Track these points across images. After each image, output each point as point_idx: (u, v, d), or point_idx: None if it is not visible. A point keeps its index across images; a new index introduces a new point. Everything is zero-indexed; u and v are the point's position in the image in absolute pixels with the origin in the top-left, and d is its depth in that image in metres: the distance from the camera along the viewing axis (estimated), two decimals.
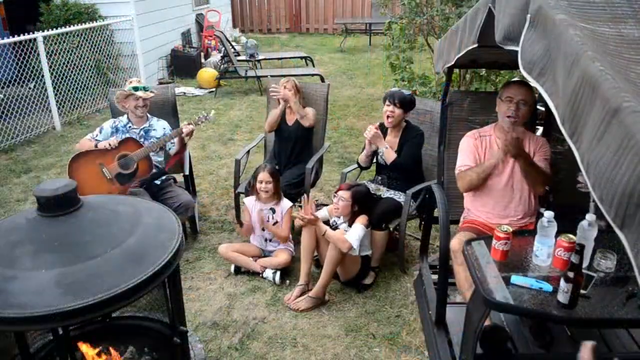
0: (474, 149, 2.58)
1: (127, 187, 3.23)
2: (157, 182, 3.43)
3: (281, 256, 3.18)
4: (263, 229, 3.26)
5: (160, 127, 3.48)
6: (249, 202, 3.29)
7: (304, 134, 3.73)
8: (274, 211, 3.23)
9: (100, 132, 3.41)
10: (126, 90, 3.33)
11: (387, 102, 3.18)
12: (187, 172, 3.71)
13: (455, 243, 2.41)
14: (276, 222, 3.23)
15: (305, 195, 3.06)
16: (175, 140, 3.47)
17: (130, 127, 3.42)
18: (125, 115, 3.46)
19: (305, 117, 3.64)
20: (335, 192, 3.04)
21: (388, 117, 3.18)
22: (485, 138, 2.59)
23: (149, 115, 3.47)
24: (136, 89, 3.32)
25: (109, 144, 3.21)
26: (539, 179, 2.44)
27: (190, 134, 3.41)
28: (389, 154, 3.15)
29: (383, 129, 3.28)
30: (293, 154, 3.73)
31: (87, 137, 3.44)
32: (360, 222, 2.91)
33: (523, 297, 1.77)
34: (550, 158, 2.50)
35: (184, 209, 3.30)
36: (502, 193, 2.52)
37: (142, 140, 3.38)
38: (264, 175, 3.14)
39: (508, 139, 2.33)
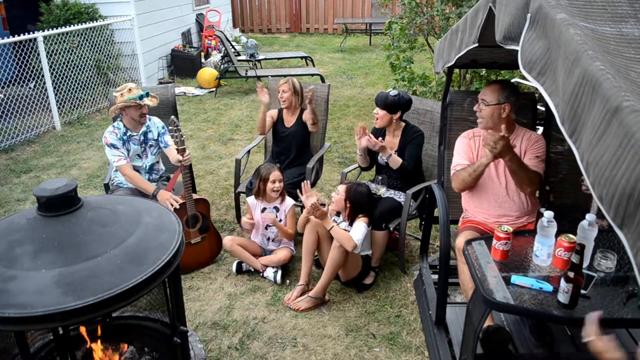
0: (468, 149, 2.58)
1: (213, 231, 3.35)
2: (154, 183, 3.41)
3: (281, 253, 3.19)
4: (266, 227, 3.27)
5: (154, 126, 3.36)
6: (251, 201, 3.30)
7: (302, 136, 3.72)
8: (277, 209, 3.24)
9: (118, 148, 3.19)
10: (127, 100, 3.09)
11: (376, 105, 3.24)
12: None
13: (461, 242, 2.40)
14: (280, 220, 3.24)
15: (305, 182, 2.99)
16: (169, 141, 3.34)
17: (130, 134, 3.25)
18: (119, 122, 3.24)
19: (316, 124, 3.65)
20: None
21: (376, 119, 3.22)
22: (479, 138, 2.59)
23: None
24: (141, 97, 3.12)
25: (172, 204, 3.12)
26: (526, 179, 2.37)
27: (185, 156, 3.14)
28: (395, 161, 3.13)
29: (381, 130, 3.28)
30: (293, 155, 3.73)
31: (121, 162, 3.17)
32: (362, 221, 2.91)
33: (523, 297, 1.77)
34: (543, 155, 2.47)
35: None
36: (495, 192, 2.52)
37: (142, 145, 3.29)
38: (276, 175, 3.15)
39: (492, 138, 2.25)
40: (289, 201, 3.26)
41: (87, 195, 3.45)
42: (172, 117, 3.06)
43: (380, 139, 3.15)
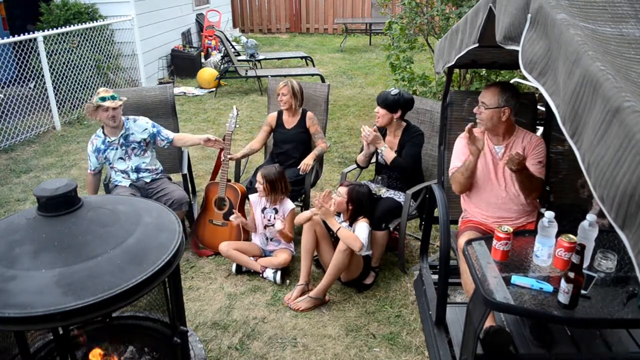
0: (466, 151, 2.58)
1: (236, 222, 3.36)
2: (147, 179, 3.42)
3: (281, 256, 3.18)
4: (265, 227, 3.26)
5: (139, 128, 3.36)
6: (253, 199, 3.31)
7: (303, 138, 3.72)
8: (276, 211, 3.24)
9: (90, 159, 3.37)
10: (94, 102, 3.19)
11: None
12: (185, 171, 3.71)
13: (463, 242, 2.40)
14: (284, 226, 3.24)
15: (327, 190, 3.00)
16: (169, 134, 3.47)
17: (109, 141, 3.31)
18: (100, 130, 3.34)
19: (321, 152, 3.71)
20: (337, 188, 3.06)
21: (378, 117, 3.24)
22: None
23: (123, 119, 3.33)
24: (103, 99, 3.19)
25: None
26: (532, 188, 2.40)
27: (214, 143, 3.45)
28: (388, 154, 3.15)
29: (382, 129, 3.29)
30: (293, 156, 3.72)
31: (88, 170, 3.41)
32: (364, 221, 2.91)
33: (523, 297, 1.77)
34: (544, 160, 2.47)
35: (177, 205, 3.28)
36: (495, 194, 2.51)
37: (123, 148, 3.32)
38: (258, 176, 3.21)
39: (517, 158, 2.26)
40: (289, 204, 3.26)
41: (87, 195, 3.46)
42: (235, 106, 3.63)
43: (374, 127, 3.17)
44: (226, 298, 3.02)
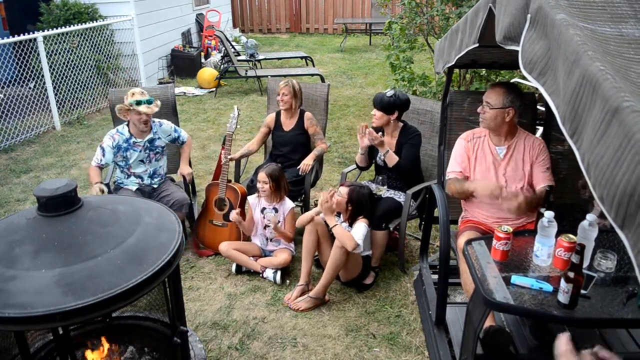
0: (464, 152, 2.57)
1: (235, 224, 3.35)
2: (155, 185, 3.42)
3: (281, 256, 3.18)
4: (265, 227, 3.26)
5: (164, 133, 3.36)
6: (252, 200, 3.31)
7: (302, 140, 3.71)
8: (276, 211, 3.23)
9: (104, 154, 3.21)
10: (127, 104, 3.12)
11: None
12: None
13: (463, 242, 2.40)
14: (278, 221, 3.23)
15: (332, 190, 2.99)
16: (184, 138, 3.51)
17: (133, 141, 3.24)
18: (125, 127, 3.25)
19: (321, 153, 3.71)
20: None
21: (374, 119, 3.24)
22: (480, 139, 2.58)
23: (152, 122, 3.29)
24: (139, 102, 3.07)
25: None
26: (536, 204, 2.45)
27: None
28: (391, 158, 3.14)
29: (378, 130, 3.29)
30: (292, 157, 3.71)
31: (93, 163, 3.24)
32: (363, 221, 2.91)
33: (523, 297, 1.77)
34: (550, 164, 2.47)
35: (178, 207, 3.28)
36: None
37: (147, 151, 3.30)
38: (261, 175, 3.18)
39: (513, 205, 2.33)
40: (289, 203, 3.26)
41: (87, 195, 3.46)
42: (236, 106, 3.64)
43: (379, 134, 3.16)
44: (226, 298, 3.02)
